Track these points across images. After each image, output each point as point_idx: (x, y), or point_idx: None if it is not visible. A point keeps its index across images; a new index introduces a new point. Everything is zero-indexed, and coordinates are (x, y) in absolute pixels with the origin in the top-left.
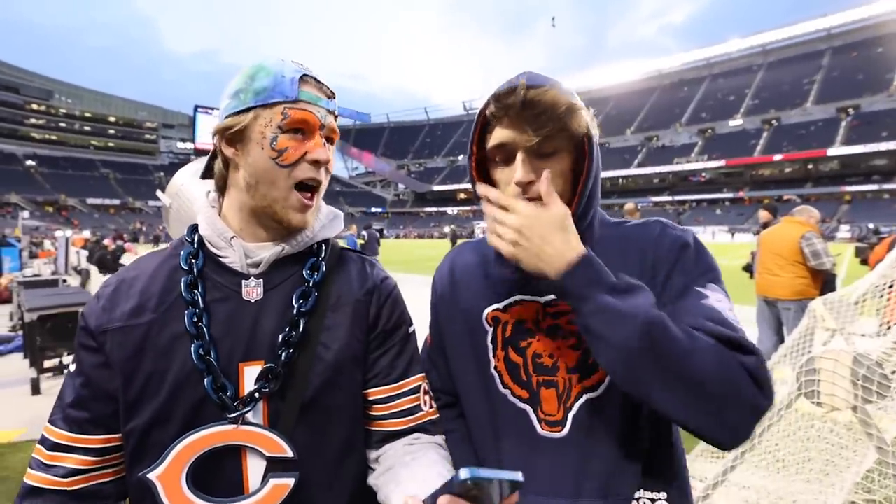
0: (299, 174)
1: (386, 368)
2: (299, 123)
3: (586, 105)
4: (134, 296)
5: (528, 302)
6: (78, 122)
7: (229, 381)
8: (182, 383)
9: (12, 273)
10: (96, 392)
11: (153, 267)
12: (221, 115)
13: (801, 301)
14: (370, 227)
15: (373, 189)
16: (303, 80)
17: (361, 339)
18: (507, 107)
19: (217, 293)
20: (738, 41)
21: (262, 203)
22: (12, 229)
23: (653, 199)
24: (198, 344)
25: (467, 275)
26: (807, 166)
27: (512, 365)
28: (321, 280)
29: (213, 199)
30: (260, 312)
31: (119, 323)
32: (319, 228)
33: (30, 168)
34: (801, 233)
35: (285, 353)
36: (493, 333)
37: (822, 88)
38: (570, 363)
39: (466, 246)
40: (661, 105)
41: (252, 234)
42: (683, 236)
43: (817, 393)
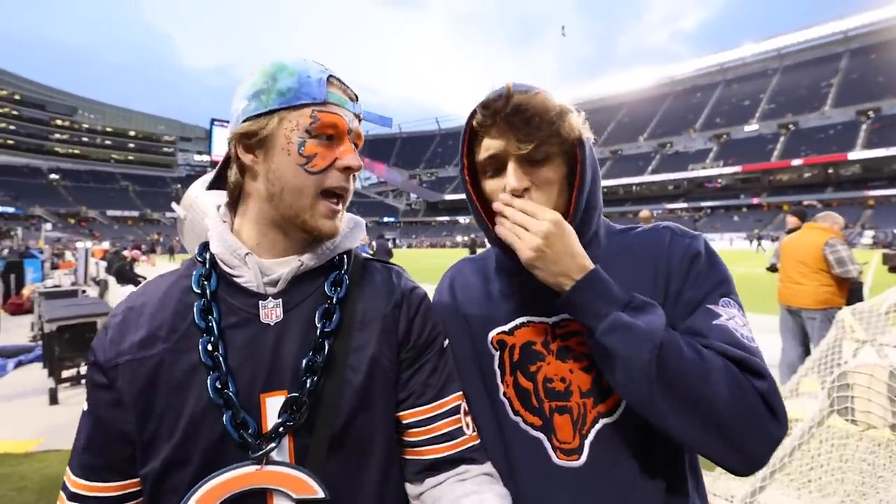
0: (329, 182)
1: (420, 387)
2: (329, 128)
3: (586, 111)
4: (143, 325)
5: (535, 323)
6: (100, 137)
7: (250, 415)
8: (199, 420)
9: (34, 284)
10: (110, 434)
11: (163, 291)
12: (237, 119)
13: (826, 310)
14: (382, 237)
15: (385, 199)
16: (329, 81)
17: (392, 357)
18: (495, 113)
19: (233, 317)
20: (751, 46)
21: (287, 213)
22: (36, 241)
23: (668, 206)
24: (214, 376)
25: (469, 295)
26: (827, 171)
27: (522, 390)
28: (345, 296)
29: (224, 212)
30: (280, 336)
31: (128, 356)
32: (341, 238)
33: (53, 181)
34: (825, 239)
35: (310, 381)
36: (500, 358)
37: (841, 91)
38: (583, 387)
39: (466, 264)
40: (674, 111)
41: (269, 248)
42: (694, 244)
43: (851, 410)
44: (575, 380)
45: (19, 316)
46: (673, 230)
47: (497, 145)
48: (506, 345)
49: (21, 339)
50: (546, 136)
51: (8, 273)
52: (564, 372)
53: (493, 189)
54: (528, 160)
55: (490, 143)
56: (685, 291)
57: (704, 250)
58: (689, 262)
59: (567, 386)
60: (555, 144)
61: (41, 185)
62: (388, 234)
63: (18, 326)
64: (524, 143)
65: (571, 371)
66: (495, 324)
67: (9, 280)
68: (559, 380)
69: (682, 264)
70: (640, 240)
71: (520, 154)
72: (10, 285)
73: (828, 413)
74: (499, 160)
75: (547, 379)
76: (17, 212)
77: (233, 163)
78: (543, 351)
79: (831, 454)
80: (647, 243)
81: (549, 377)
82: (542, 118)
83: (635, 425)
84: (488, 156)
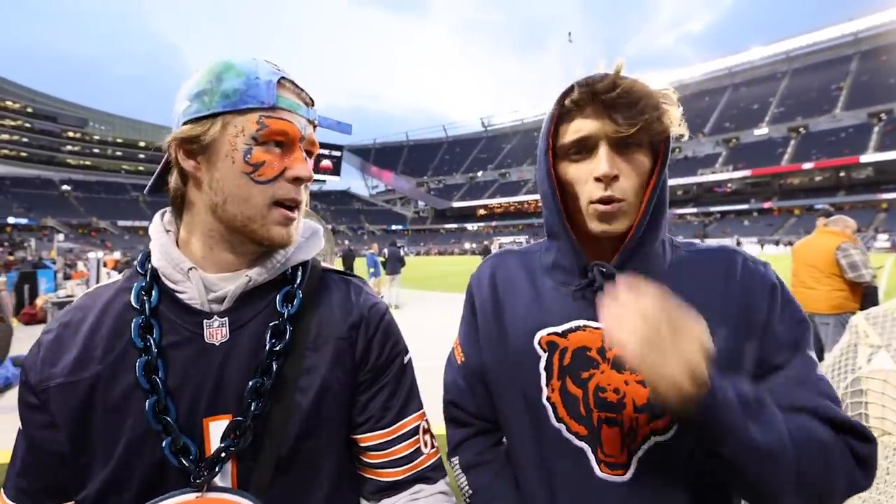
0: (278, 192)
1: (379, 411)
2: (278, 135)
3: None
4: (78, 343)
5: (592, 328)
6: (110, 148)
7: (192, 439)
8: (137, 446)
9: (47, 294)
10: (46, 456)
11: (101, 305)
12: (178, 120)
13: (839, 315)
14: (394, 245)
15: (393, 207)
16: (280, 83)
17: (346, 380)
18: (596, 93)
19: (174, 336)
20: (760, 49)
21: (233, 224)
22: (49, 252)
23: (677, 211)
24: (152, 399)
25: (514, 289)
26: (838, 174)
27: (570, 397)
28: (298, 312)
29: (169, 221)
30: (226, 358)
31: (60, 378)
32: (294, 250)
33: (65, 193)
34: (837, 244)
35: (255, 404)
36: (549, 360)
37: (852, 94)
38: (638, 401)
39: (509, 256)
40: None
41: (215, 262)
42: (769, 274)
43: (865, 416)
44: (630, 392)
45: (33, 326)
46: (744, 255)
47: (592, 126)
48: (556, 347)
49: None
50: (648, 123)
51: (22, 283)
52: (619, 383)
53: (576, 174)
54: (620, 146)
55: (583, 124)
56: (774, 327)
57: (779, 283)
58: (769, 293)
59: (620, 398)
60: (648, 135)
61: (53, 197)
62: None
63: (32, 336)
64: (625, 126)
65: (627, 383)
66: (545, 324)
67: (22, 290)
68: (612, 390)
69: (762, 295)
70: (708, 259)
71: (615, 137)
72: (23, 295)
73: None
74: (589, 143)
75: (599, 388)
76: (29, 223)
77: (173, 168)
78: (598, 358)
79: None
80: (715, 263)
81: (601, 386)
82: (648, 102)
83: (688, 447)
84: (578, 137)
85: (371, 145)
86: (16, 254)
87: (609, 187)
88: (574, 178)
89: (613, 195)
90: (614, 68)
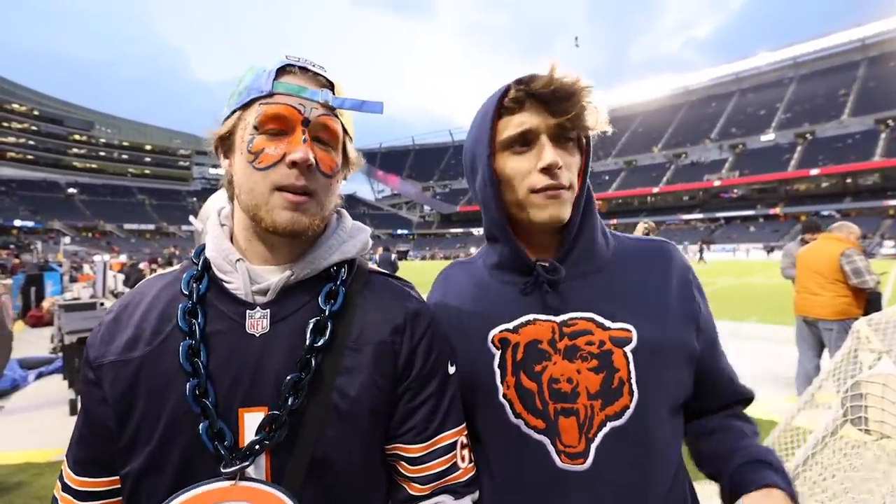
0: (277, 178)
1: (421, 424)
2: (273, 121)
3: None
4: (132, 325)
5: (542, 321)
6: (117, 151)
7: (228, 427)
8: (176, 427)
9: (54, 296)
10: (98, 430)
11: (156, 291)
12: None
13: (843, 321)
14: (387, 250)
15: (399, 211)
16: (284, 70)
17: (386, 388)
18: (533, 90)
19: (219, 324)
20: (767, 54)
21: (249, 213)
22: (55, 254)
23: (683, 216)
24: (193, 382)
25: (461, 297)
26: (845, 180)
27: (525, 392)
28: (340, 310)
29: (227, 214)
30: (265, 349)
31: (113, 356)
32: (339, 246)
33: (71, 195)
34: (841, 250)
35: (292, 399)
36: (502, 357)
37: (859, 100)
38: (592, 388)
39: (455, 267)
40: (688, 121)
41: (258, 254)
42: (692, 269)
43: (865, 419)
44: (583, 381)
45: (39, 328)
46: (676, 248)
47: (534, 120)
48: (509, 343)
49: (41, 350)
50: (580, 116)
51: (28, 286)
52: (571, 372)
53: (518, 167)
54: (559, 139)
55: (524, 119)
56: (704, 313)
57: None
58: (699, 285)
59: (574, 387)
60: (581, 127)
61: (59, 200)
62: (402, 247)
63: (39, 338)
64: (563, 117)
65: (579, 371)
66: (497, 322)
67: (29, 293)
68: (566, 380)
69: (696, 286)
70: (646, 247)
71: (555, 130)
72: (30, 298)
73: (841, 423)
74: (530, 135)
75: (553, 379)
76: (36, 225)
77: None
78: (550, 350)
79: (843, 464)
80: (653, 253)
81: (555, 377)
82: (581, 98)
83: (643, 430)
84: (522, 130)
85: (377, 149)
86: (22, 256)
87: (556, 177)
88: (515, 170)
89: (560, 182)
90: (549, 68)
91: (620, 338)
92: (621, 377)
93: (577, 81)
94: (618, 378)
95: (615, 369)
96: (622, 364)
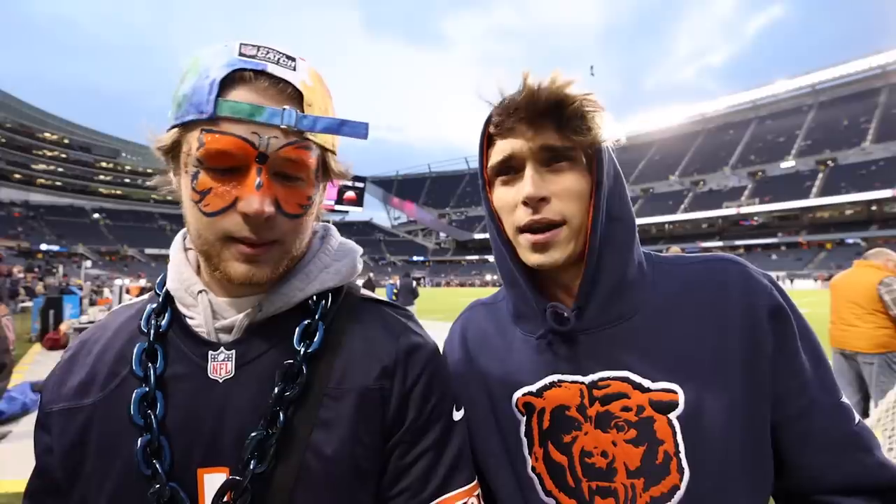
0: (229, 227)
1: (416, 484)
2: (218, 157)
3: (616, 149)
4: (87, 365)
5: (567, 383)
6: (141, 178)
7: (185, 490)
8: (126, 489)
9: (72, 319)
10: (46, 482)
11: (117, 325)
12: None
13: (884, 354)
14: (407, 276)
15: (415, 238)
16: (233, 79)
17: (374, 444)
18: (512, 110)
19: (180, 367)
20: (784, 82)
21: (201, 255)
22: (78, 278)
23: (702, 244)
24: (144, 439)
25: (486, 347)
26: (870, 208)
27: (555, 466)
28: (319, 350)
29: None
30: (228, 398)
31: (63, 403)
32: (319, 273)
33: (96, 221)
34: (879, 278)
35: (255, 462)
36: (528, 424)
37: (882, 126)
38: (631, 464)
39: (478, 310)
40: (706, 149)
41: (223, 285)
42: (776, 291)
43: None
44: (619, 455)
45: (56, 351)
46: (742, 265)
47: (513, 145)
48: (534, 409)
49: None
50: (574, 133)
51: (47, 309)
52: (606, 444)
53: (502, 200)
54: (548, 164)
55: (506, 144)
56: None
57: (787, 303)
58: (764, 310)
59: (609, 462)
60: (579, 145)
61: (84, 224)
62: (417, 273)
63: (55, 361)
64: (542, 137)
65: (615, 444)
66: (520, 382)
67: (48, 316)
68: (599, 454)
69: (768, 310)
70: (699, 272)
71: (541, 155)
72: (48, 321)
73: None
74: (514, 162)
75: (585, 453)
76: (61, 249)
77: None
78: (579, 417)
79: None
80: (705, 281)
81: (587, 450)
82: (572, 111)
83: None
84: (502, 158)
85: (394, 177)
86: (46, 279)
87: (538, 211)
88: (501, 203)
89: (545, 218)
90: (521, 78)
91: (663, 401)
92: (667, 450)
93: (559, 84)
94: (662, 452)
95: (658, 441)
96: (667, 434)
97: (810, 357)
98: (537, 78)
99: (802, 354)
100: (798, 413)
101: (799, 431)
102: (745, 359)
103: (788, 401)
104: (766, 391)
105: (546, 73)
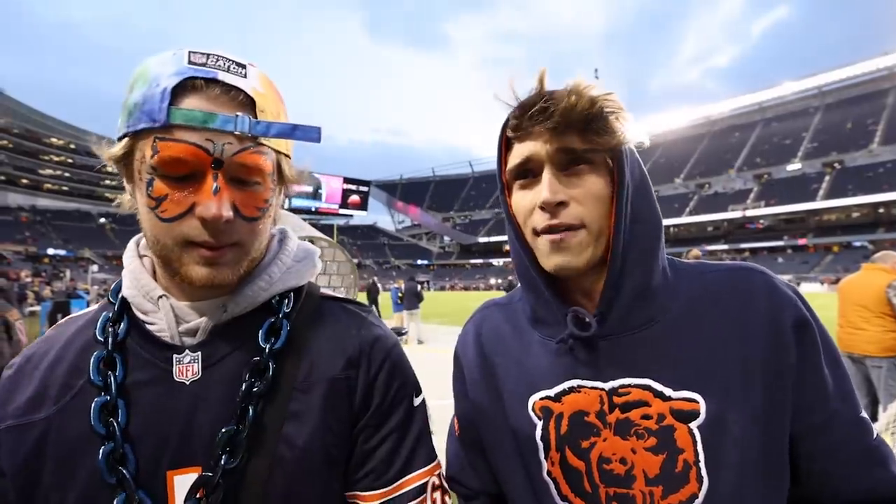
0: (187, 232)
1: (381, 464)
2: (172, 165)
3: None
4: (36, 380)
5: (587, 388)
6: None
7: (154, 496)
8: (88, 502)
9: None
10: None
11: (66, 338)
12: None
13: (893, 358)
14: (412, 280)
15: (419, 242)
16: (184, 88)
17: (342, 431)
18: (530, 114)
19: (141, 374)
20: (791, 84)
21: (160, 261)
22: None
23: (707, 247)
24: (107, 448)
25: (502, 349)
26: (877, 210)
27: (571, 471)
28: (284, 346)
29: (145, 245)
30: (196, 399)
31: (10, 421)
32: (281, 274)
33: (102, 225)
34: (888, 281)
35: (226, 457)
36: (544, 428)
37: (889, 128)
38: (650, 471)
39: (494, 309)
40: (711, 151)
41: (183, 289)
42: (801, 304)
43: None
44: (639, 462)
45: None
46: (767, 276)
47: (531, 149)
48: (551, 413)
49: None
50: (589, 135)
51: (55, 313)
52: (625, 451)
53: (520, 204)
54: (566, 167)
55: (522, 147)
56: (808, 365)
57: (812, 317)
58: (788, 323)
59: (628, 469)
60: (599, 148)
61: (91, 229)
62: (421, 277)
63: None
64: (561, 140)
65: (634, 451)
66: (537, 387)
67: (55, 319)
68: (618, 461)
69: (792, 323)
70: (723, 281)
71: (559, 158)
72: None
73: None
74: (531, 166)
75: (603, 459)
76: (68, 254)
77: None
78: (598, 424)
79: None
80: (730, 290)
81: (605, 457)
82: (590, 113)
83: None
84: (520, 161)
85: (397, 181)
86: (53, 283)
87: (556, 216)
88: (518, 208)
89: (563, 222)
90: (537, 78)
91: (684, 410)
92: (686, 459)
93: (586, 95)
94: (682, 460)
95: (678, 450)
96: (687, 443)
97: (832, 370)
98: (557, 84)
99: (825, 368)
100: (819, 426)
101: (819, 444)
102: (767, 370)
103: (810, 413)
104: (788, 403)
105: (555, 75)
